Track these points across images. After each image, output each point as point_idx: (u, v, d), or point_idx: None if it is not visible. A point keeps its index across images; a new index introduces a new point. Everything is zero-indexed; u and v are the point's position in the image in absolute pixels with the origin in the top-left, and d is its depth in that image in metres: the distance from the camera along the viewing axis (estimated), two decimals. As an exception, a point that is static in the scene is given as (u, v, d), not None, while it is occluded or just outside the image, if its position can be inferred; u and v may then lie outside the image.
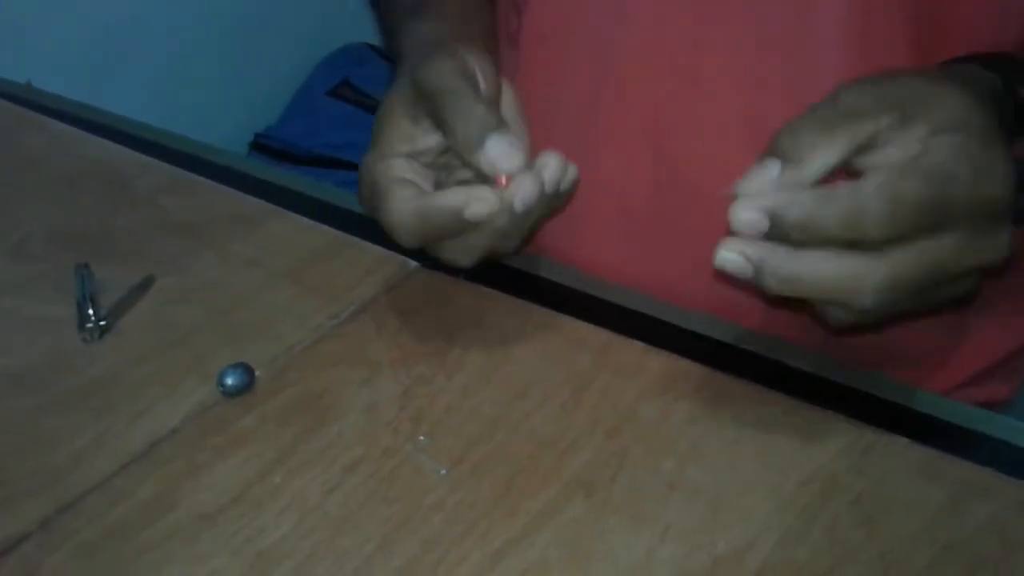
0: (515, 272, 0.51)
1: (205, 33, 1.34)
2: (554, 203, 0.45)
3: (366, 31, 1.50)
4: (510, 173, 0.41)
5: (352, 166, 1.31)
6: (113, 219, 0.56)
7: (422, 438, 0.40)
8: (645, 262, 0.54)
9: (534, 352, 0.44)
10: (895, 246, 0.34)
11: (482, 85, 0.45)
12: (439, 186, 0.46)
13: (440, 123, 0.43)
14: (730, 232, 0.36)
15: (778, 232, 0.34)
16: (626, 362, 0.43)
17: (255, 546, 0.35)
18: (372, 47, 1.47)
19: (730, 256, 0.35)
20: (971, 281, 0.37)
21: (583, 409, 0.41)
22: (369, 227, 0.54)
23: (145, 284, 0.49)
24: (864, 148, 0.36)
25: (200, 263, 0.52)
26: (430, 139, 0.45)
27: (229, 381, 0.41)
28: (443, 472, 0.38)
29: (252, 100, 1.43)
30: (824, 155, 0.36)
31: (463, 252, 0.44)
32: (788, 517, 0.36)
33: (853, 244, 0.34)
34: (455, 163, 0.46)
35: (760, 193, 0.35)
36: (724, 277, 0.46)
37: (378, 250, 0.52)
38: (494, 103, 0.46)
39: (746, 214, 0.35)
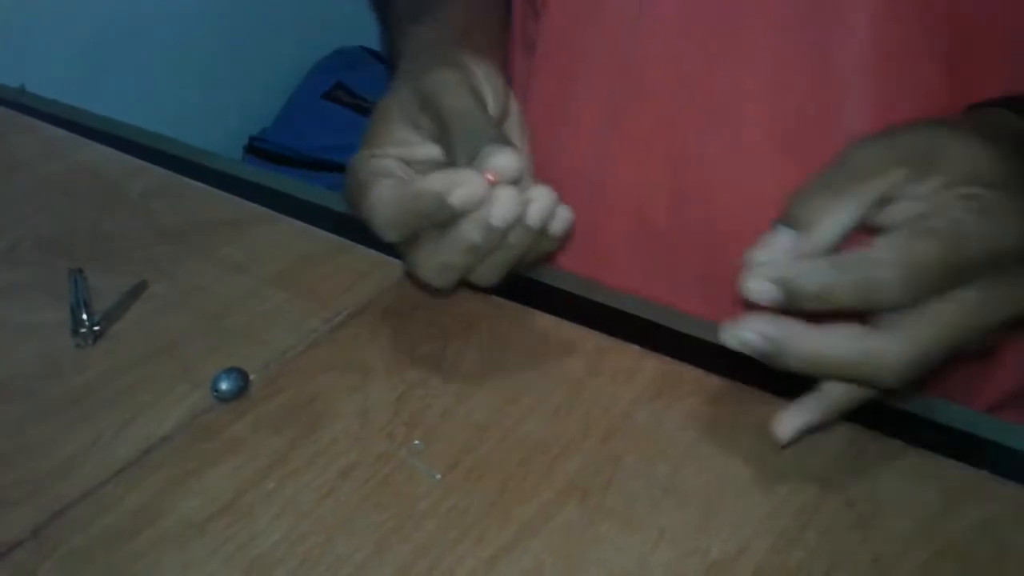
0: (509, 275, 0.51)
1: (199, 37, 1.34)
2: (543, 245, 0.42)
3: (360, 34, 1.50)
4: (502, 178, 0.38)
5: (342, 168, 1.30)
6: (105, 224, 0.56)
7: (416, 443, 0.40)
8: (659, 274, 0.53)
9: (528, 356, 0.44)
10: (914, 315, 0.33)
11: (489, 102, 0.43)
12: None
13: (441, 135, 0.41)
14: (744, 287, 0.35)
15: (792, 303, 0.34)
16: (620, 366, 0.43)
17: (247, 553, 0.35)
18: (366, 50, 1.47)
19: (748, 336, 0.35)
20: (1004, 331, 0.36)
21: (577, 414, 0.41)
22: (362, 231, 0.54)
23: (137, 290, 0.49)
24: (881, 204, 0.35)
25: (192, 268, 0.51)
26: (428, 149, 0.43)
27: (223, 386, 0.41)
28: (437, 477, 0.38)
29: (246, 103, 1.43)
30: (836, 219, 0.35)
31: (438, 269, 0.41)
32: (782, 521, 0.35)
33: (871, 311, 0.34)
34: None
35: (772, 263, 0.34)
36: (738, 299, 0.45)
37: (371, 254, 0.52)
38: (500, 122, 0.44)
39: (758, 284, 0.34)
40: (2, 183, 0.61)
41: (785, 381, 0.42)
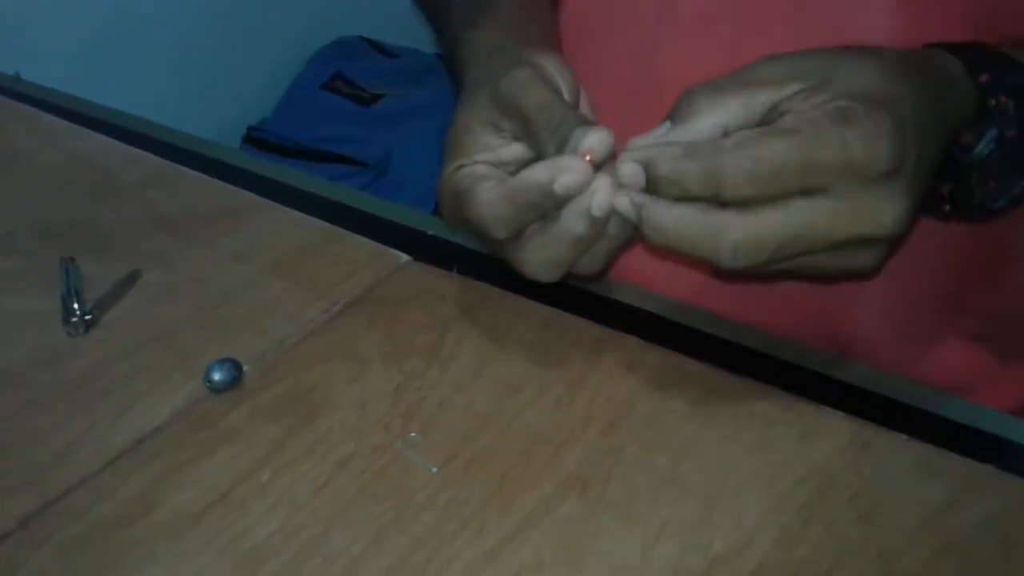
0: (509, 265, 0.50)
1: (198, 26, 1.33)
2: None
3: (359, 24, 1.49)
4: (597, 157, 0.38)
5: (345, 159, 1.30)
6: (101, 213, 0.55)
7: (413, 435, 0.39)
8: (677, 272, 0.51)
9: (527, 347, 0.44)
10: (761, 206, 0.34)
11: (564, 91, 0.43)
12: None
13: (526, 134, 0.41)
14: None
15: (652, 186, 0.35)
16: (621, 358, 0.43)
17: (241, 545, 0.35)
18: (366, 40, 1.46)
19: (622, 201, 0.37)
20: (869, 254, 0.36)
21: (577, 405, 0.40)
22: (360, 221, 0.54)
23: (131, 278, 0.48)
24: (771, 114, 0.36)
25: (188, 257, 0.51)
26: (514, 149, 0.42)
27: (216, 376, 0.41)
28: (434, 470, 0.37)
29: (245, 93, 1.42)
30: (713, 116, 0.36)
31: (545, 264, 0.40)
32: (785, 515, 0.35)
33: (721, 203, 0.34)
34: None
35: (642, 147, 0.36)
36: (745, 289, 0.44)
37: (369, 244, 0.51)
38: (576, 109, 0.43)
39: (625, 167, 0.36)
40: (1, 172, 0.61)
41: (789, 376, 0.42)
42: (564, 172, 0.37)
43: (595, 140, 0.38)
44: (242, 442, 0.39)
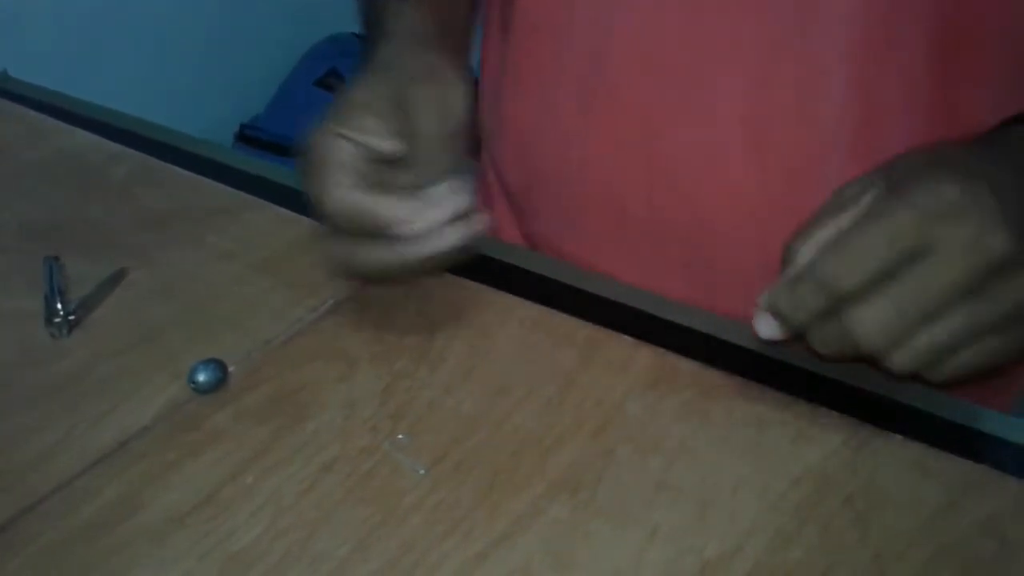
0: (499, 265, 0.49)
1: (189, 22, 1.32)
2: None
3: (354, 20, 1.48)
4: (454, 216, 0.41)
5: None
6: (87, 210, 0.55)
7: (400, 436, 0.38)
8: (639, 262, 0.52)
9: (518, 347, 0.43)
10: (877, 287, 0.34)
11: (457, 122, 0.43)
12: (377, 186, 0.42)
13: (408, 145, 0.42)
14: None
15: (785, 324, 0.37)
16: (613, 358, 0.42)
17: (225, 548, 0.34)
18: (360, 36, 1.45)
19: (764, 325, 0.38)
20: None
21: (568, 406, 0.40)
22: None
23: (116, 277, 0.48)
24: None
25: (174, 256, 0.50)
26: (391, 145, 0.42)
27: (200, 377, 0.40)
28: (422, 472, 0.37)
29: (238, 90, 1.41)
30: (803, 253, 0.37)
31: (374, 270, 0.42)
32: (780, 518, 0.34)
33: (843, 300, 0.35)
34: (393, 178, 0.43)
35: (761, 299, 0.38)
36: (719, 285, 0.44)
37: (359, 242, 0.50)
38: (462, 146, 0.44)
39: (760, 325, 0.38)
40: (-18, 168, 0.60)
41: (783, 375, 0.41)
42: (418, 220, 0.40)
43: (455, 205, 0.41)
44: (227, 444, 0.38)
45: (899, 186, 0.35)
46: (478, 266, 0.48)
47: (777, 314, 0.37)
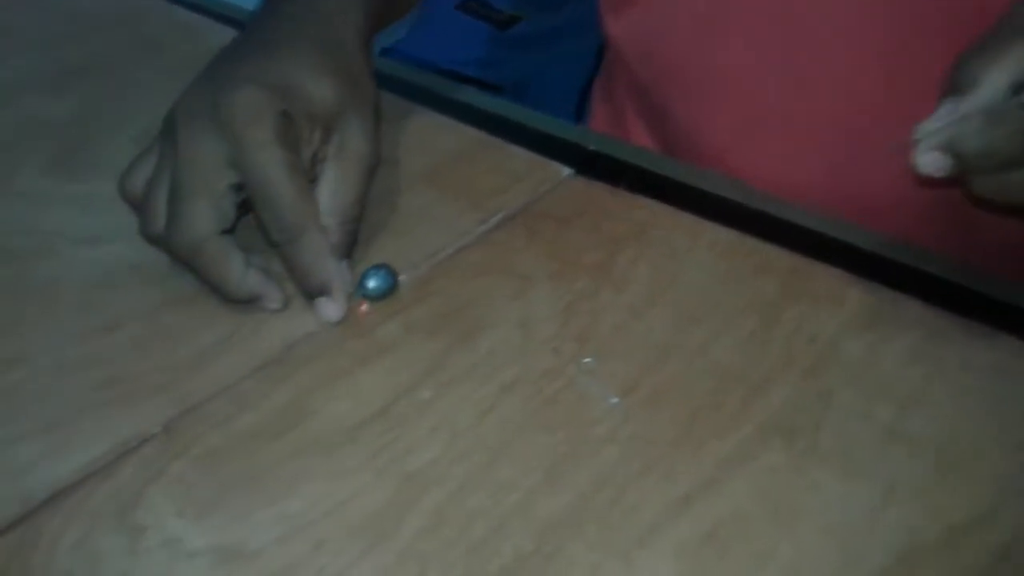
0: (681, 185, 0.45)
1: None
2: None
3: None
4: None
5: (477, 82, 1.24)
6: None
7: (587, 360, 0.35)
8: (772, 157, 0.50)
9: (709, 273, 0.39)
10: None
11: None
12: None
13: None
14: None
15: (963, 165, 0.33)
16: (821, 291, 0.37)
17: (402, 467, 0.31)
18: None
19: (926, 157, 0.33)
20: None
21: (774, 342, 0.35)
22: (513, 131, 0.49)
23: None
24: None
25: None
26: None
27: (371, 284, 0.37)
28: (614, 401, 0.33)
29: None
30: (995, 79, 0.33)
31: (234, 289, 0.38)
32: (1037, 484, 0.29)
33: None
34: None
35: (936, 131, 0.33)
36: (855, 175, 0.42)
37: (525, 154, 0.47)
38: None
39: (926, 156, 0.33)
40: (133, 65, 0.58)
41: (1016, 316, 0.36)
42: (268, 301, 0.37)
43: (324, 312, 0.37)
44: (398, 356, 0.35)
45: None
46: (659, 184, 0.44)
47: (957, 149, 0.32)
